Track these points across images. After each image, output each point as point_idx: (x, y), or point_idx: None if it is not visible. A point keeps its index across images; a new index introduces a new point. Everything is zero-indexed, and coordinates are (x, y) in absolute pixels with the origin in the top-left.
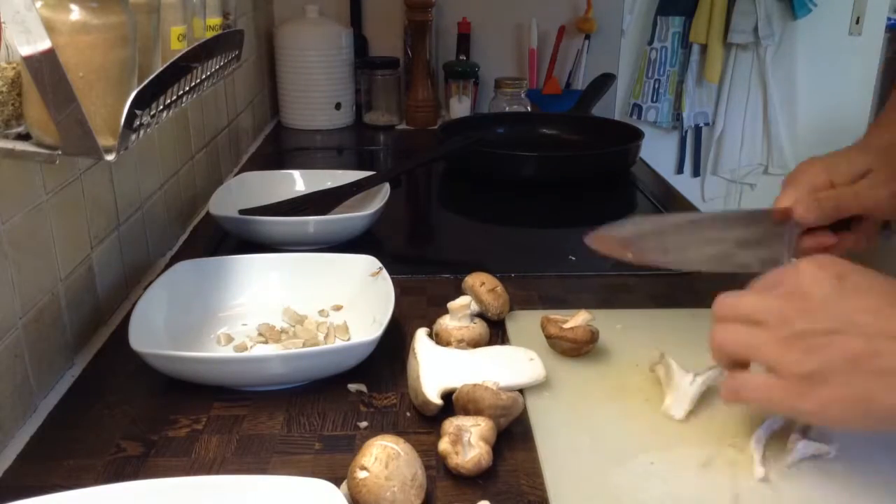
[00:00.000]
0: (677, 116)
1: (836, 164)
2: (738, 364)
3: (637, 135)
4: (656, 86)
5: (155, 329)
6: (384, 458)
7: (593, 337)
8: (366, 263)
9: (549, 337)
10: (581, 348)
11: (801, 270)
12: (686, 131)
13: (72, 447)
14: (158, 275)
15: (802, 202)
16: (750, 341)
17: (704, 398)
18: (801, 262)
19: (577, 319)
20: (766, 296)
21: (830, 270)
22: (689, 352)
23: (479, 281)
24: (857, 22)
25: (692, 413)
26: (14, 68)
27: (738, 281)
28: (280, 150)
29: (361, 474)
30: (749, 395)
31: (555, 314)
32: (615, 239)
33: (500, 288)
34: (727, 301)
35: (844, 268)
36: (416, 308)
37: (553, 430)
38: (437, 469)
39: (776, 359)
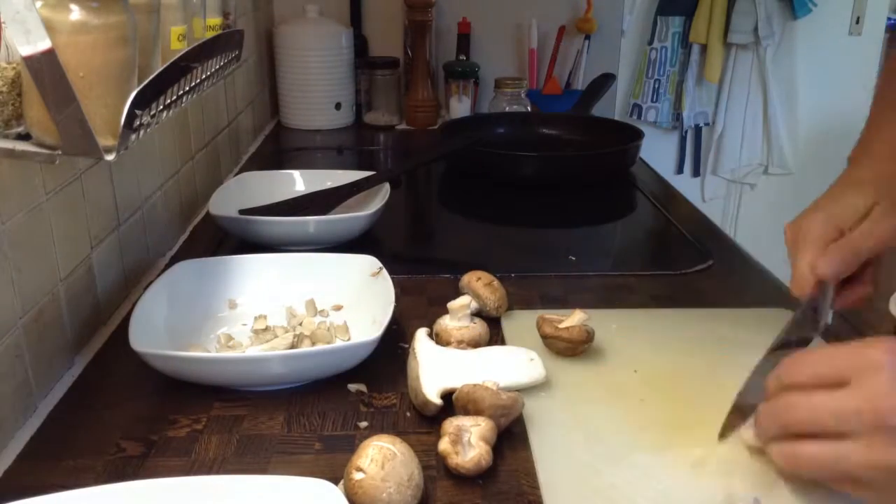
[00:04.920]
0: (677, 116)
1: (837, 211)
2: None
3: (637, 135)
4: (656, 86)
5: (155, 329)
6: (380, 458)
7: (589, 337)
8: (366, 263)
9: (544, 337)
10: (576, 348)
11: (871, 360)
12: (686, 131)
13: (72, 447)
14: (158, 275)
15: (822, 260)
16: (838, 464)
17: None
18: (867, 349)
19: (572, 319)
20: (841, 396)
21: None
22: (684, 351)
23: (475, 277)
24: (857, 22)
25: (688, 415)
26: (14, 68)
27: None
28: (280, 150)
29: (357, 475)
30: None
31: (550, 314)
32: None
33: (496, 282)
34: (799, 412)
35: None
36: (416, 308)
37: (548, 429)
38: (437, 469)
39: (870, 475)
